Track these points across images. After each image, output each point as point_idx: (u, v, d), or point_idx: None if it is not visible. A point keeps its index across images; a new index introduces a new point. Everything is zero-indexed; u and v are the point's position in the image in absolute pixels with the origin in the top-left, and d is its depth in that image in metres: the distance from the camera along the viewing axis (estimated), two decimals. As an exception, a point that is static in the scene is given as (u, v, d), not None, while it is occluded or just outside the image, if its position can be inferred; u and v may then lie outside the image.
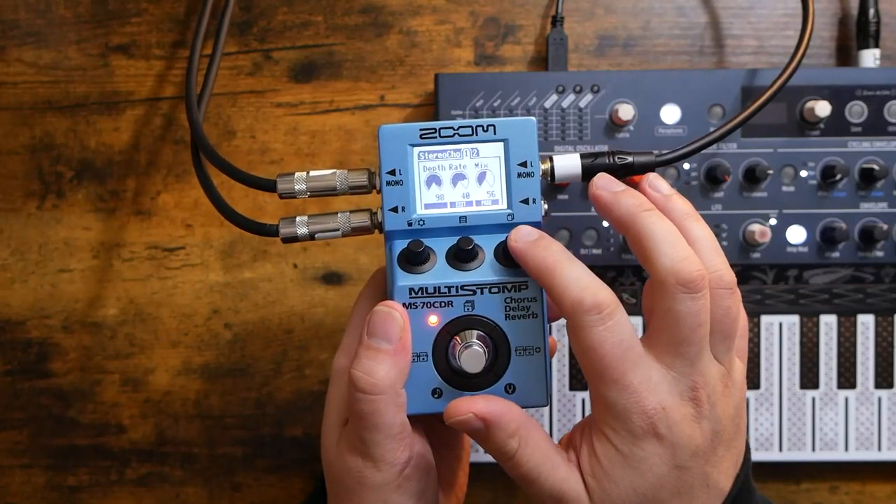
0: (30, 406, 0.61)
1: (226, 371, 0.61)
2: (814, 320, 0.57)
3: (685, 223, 0.36)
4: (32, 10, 0.60)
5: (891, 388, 0.57)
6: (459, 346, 0.37)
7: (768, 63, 0.59)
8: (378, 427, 0.36)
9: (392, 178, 0.39)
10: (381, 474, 0.37)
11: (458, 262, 0.38)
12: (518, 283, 0.37)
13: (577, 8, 0.59)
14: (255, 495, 0.61)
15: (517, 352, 0.38)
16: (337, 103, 0.60)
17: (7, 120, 0.60)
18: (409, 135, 0.39)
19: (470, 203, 0.39)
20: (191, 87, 0.52)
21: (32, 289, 0.60)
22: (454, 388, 0.38)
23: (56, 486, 0.61)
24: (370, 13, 0.59)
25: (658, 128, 0.55)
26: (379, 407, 0.36)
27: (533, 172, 0.39)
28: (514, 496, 0.60)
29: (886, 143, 0.56)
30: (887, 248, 0.56)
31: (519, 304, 0.38)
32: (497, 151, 0.39)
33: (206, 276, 0.60)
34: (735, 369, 0.37)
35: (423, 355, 0.38)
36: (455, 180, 0.39)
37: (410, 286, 0.37)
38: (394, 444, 0.37)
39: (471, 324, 0.38)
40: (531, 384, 0.38)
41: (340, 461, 0.38)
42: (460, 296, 0.37)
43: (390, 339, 0.36)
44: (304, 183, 0.41)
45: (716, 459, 0.36)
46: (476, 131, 0.39)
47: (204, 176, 0.47)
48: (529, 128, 0.39)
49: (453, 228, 0.39)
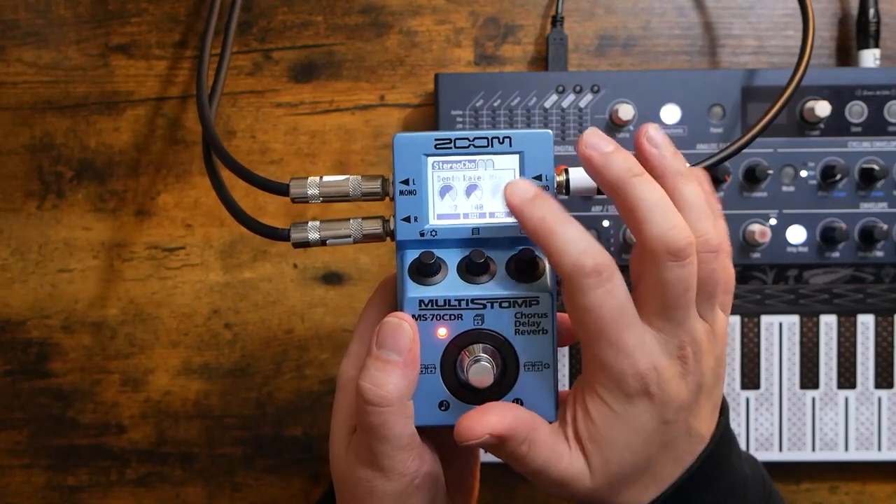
0: (30, 406, 0.61)
1: (226, 371, 0.61)
2: (814, 320, 0.57)
3: (677, 183, 0.36)
4: (32, 10, 0.60)
5: (891, 388, 0.57)
6: (468, 360, 0.37)
7: (768, 63, 0.59)
8: (387, 439, 0.36)
9: (406, 188, 0.38)
10: (391, 484, 0.37)
11: (470, 274, 0.38)
12: (529, 299, 0.37)
13: (577, 8, 0.59)
14: (255, 495, 0.61)
15: (526, 367, 0.37)
16: (337, 103, 0.60)
17: (7, 120, 0.60)
18: (424, 144, 0.38)
19: (483, 215, 0.39)
20: (202, 85, 0.52)
21: (32, 289, 0.60)
22: (461, 402, 0.38)
23: (56, 486, 0.61)
24: (370, 13, 0.59)
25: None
26: (388, 419, 0.36)
27: (548, 186, 0.38)
28: (514, 496, 0.60)
29: (886, 143, 0.56)
30: (887, 248, 0.56)
31: (529, 320, 0.37)
32: (512, 164, 0.39)
33: (206, 276, 0.60)
34: (717, 324, 0.38)
35: (431, 367, 0.37)
36: (469, 191, 0.39)
37: (421, 298, 0.37)
38: (403, 455, 0.37)
39: (480, 338, 0.37)
40: (539, 399, 0.38)
41: (350, 471, 0.38)
42: (470, 309, 0.37)
43: (400, 351, 0.36)
44: (318, 188, 0.41)
45: (697, 409, 0.37)
46: (492, 143, 0.38)
47: (216, 177, 0.47)
48: (546, 141, 0.38)
49: (465, 240, 0.39)
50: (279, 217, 0.59)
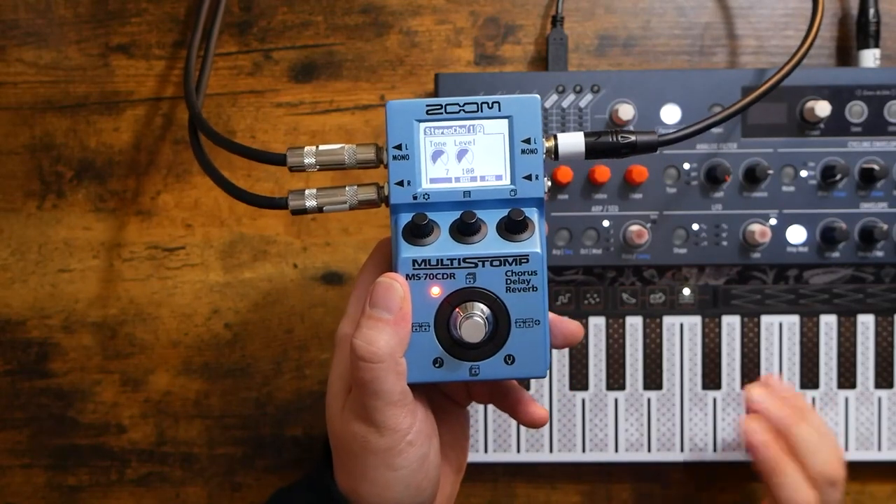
0: (30, 406, 0.61)
1: (226, 371, 0.61)
2: (814, 320, 0.57)
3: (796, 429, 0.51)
4: (32, 10, 0.60)
5: (891, 388, 0.57)
6: (461, 318, 0.38)
7: (768, 63, 0.59)
8: (379, 394, 0.37)
9: (398, 153, 0.39)
10: (384, 440, 0.38)
11: (461, 235, 0.39)
12: (519, 257, 0.38)
13: (577, 8, 0.59)
14: (255, 495, 0.61)
15: (517, 324, 0.38)
16: (337, 103, 0.60)
17: (7, 120, 0.60)
18: (416, 110, 0.40)
19: (474, 178, 0.40)
20: (189, 74, 0.54)
21: (32, 289, 0.60)
22: (455, 358, 0.39)
23: (56, 486, 0.61)
24: (370, 13, 0.59)
25: (658, 128, 0.55)
26: (379, 375, 0.37)
27: (536, 149, 0.39)
28: (514, 496, 0.60)
29: (886, 143, 0.56)
30: (887, 248, 0.56)
31: (519, 278, 0.38)
32: (501, 128, 0.40)
33: (206, 276, 0.60)
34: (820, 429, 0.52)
35: (424, 325, 0.38)
36: (460, 156, 0.40)
37: (414, 258, 0.38)
38: (395, 410, 0.38)
39: (472, 296, 0.38)
40: (530, 355, 0.39)
41: (345, 427, 0.39)
42: (462, 268, 0.38)
43: (391, 310, 0.37)
44: (314, 157, 0.42)
45: None
46: (481, 108, 0.40)
47: (202, 154, 0.49)
48: (534, 105, 0.40)
49: (457, 203, 0.40)
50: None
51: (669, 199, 0.56)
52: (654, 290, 0.57)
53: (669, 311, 0.57)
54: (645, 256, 0.56)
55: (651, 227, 0.56)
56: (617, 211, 0.56)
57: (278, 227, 0.60)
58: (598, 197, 0.56)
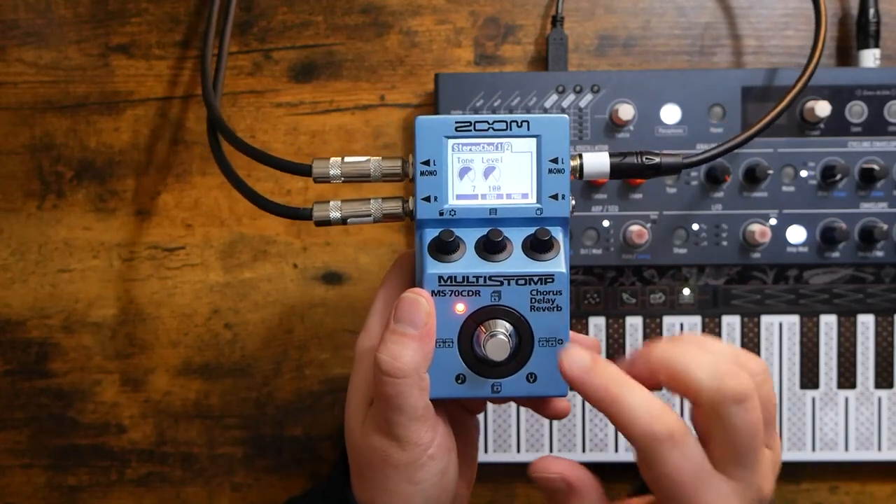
0: (30, 406, 0.61)
1: (226, 371, 0.61)
2: (814, 320, 0.57)
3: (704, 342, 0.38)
4: (32, 10, 0.60)
5: (891, 388, 0.57)
6: (484, 335, 0.38)
7: (768, 63, 0.59)
8: (402, 409, 0.37)
9: (426, 169, 0.40)
10: (406, 454, 0.38)
11: (487, 252, 0.39)
12: (544, 277, 0.38)
13: (577, 8, 0.59)
14: (255, 495, 0.61)
15: (540, 342, 0.39)
16: (337, 103, 0.60)
17: (7, 120, 0.60)
18: (445, 127, 0.40)
19: (500, 196, 0.40)
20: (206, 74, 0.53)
21: (32, 289, 0.60)
22: (477, 375, 0.39)
23: (56, 486, 0.61)
24: (370, 13, 0.59)
25: (658, 128, 0.55)
26: (403, 390, 0.37)
27: (563, 169, 0.40)
28: (514, 496, 0.60)
29: (886, 143, 0.56)
30: (887, 248, 0.56)
31: (544, 297, 0.39)
32: (529, 147, 0.40)
33: (206, 276, 0.60)
34: (775, 443, 0.38)
35: (448, 342, 0.39)
36: (487, 173, 0.40)
37: (440, 274, 0.38)
38: (417, 425, 0.38)
39: (496, 313, 0.39)
40: (553, 374, 0.39)
41: (366, 440, 0.39)
42: (488, 286, 0.38)
43: (416, 325, 0.37)
44: (339, 168, 0.42)
45: None
46: (510, 126, 0.40)
47: (223, 159, 0.48)
48: (563, 125, 0.40)
49: (483, 220, 0.40)
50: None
51: (669, 199, 0.56)
52: (654, 290, 0.57)
53: (669, 311, 0.57)
54: (645, 256, 0.56)
55: (651, 227, 0.56)
56: (617, 211, 0.56)
57: (278, 227, 0.60)
58: (598, 197, 0.56)
